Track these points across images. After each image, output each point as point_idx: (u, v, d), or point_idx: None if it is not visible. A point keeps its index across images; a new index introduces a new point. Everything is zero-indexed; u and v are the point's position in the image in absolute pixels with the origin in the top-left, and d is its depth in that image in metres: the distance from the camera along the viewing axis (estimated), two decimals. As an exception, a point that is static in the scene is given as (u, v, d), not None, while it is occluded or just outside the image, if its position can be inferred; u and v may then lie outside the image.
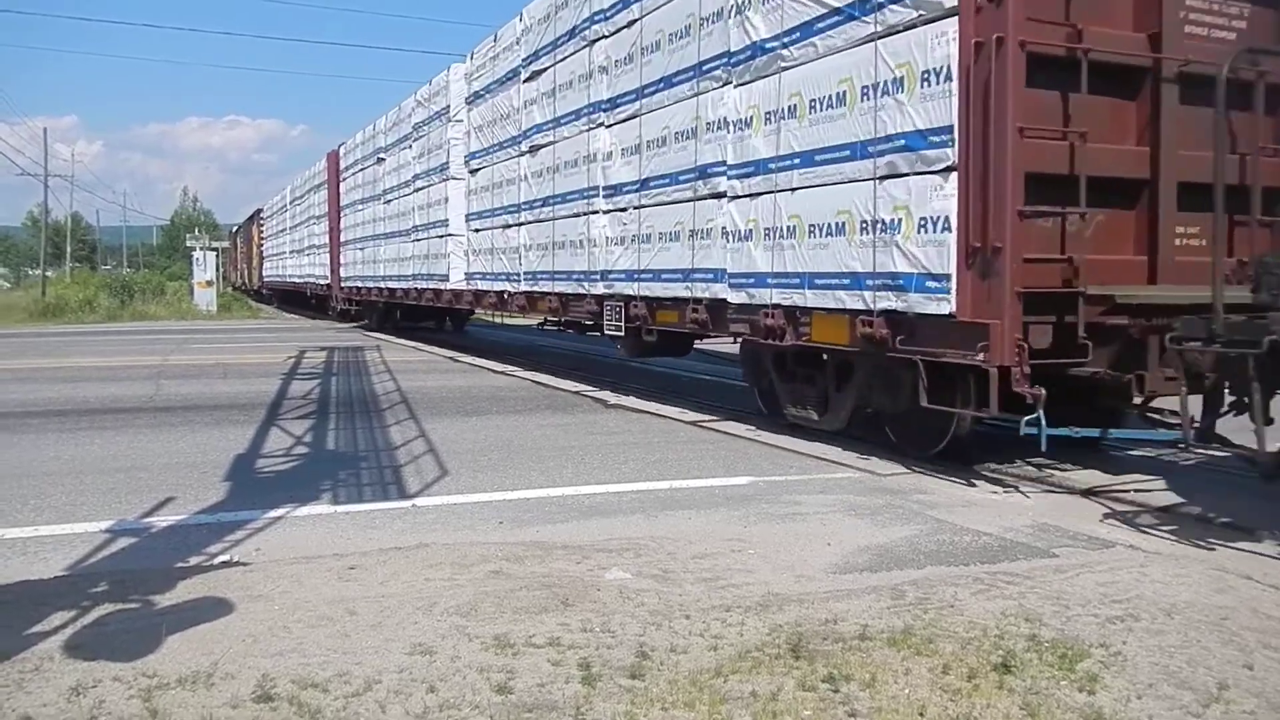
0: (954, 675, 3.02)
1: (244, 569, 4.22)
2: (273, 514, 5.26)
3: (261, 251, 42.47)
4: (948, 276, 5.54)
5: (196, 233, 50.30)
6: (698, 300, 8.04)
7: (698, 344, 10.53)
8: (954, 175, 5.51)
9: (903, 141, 5.82)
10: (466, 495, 5.81)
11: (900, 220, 5.85)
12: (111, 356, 16.02)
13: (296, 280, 31.54)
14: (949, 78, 5.50)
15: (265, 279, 41.45)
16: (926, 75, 5.64)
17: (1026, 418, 5.34)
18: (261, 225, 42.59)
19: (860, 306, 6.21)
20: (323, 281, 25.91)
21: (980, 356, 5.37)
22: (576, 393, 10.91)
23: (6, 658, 3.13)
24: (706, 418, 8.80)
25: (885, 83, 5.93)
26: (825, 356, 7.13)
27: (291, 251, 32.73)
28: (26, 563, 4.40)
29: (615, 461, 6.97)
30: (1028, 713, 2.77)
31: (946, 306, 5.56)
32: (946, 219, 5.55)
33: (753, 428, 8.14)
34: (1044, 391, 5.28)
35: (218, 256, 42.39)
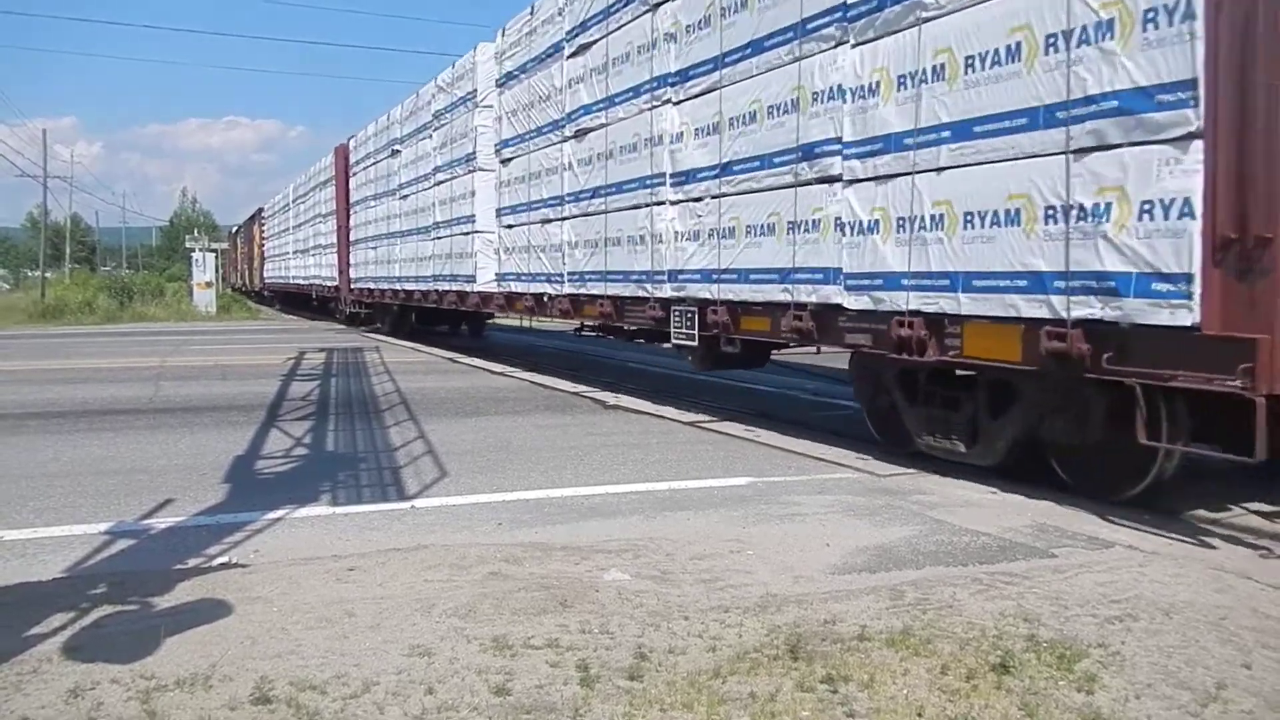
0: (952, 675, 3.02)
1: (242, 571, 4.22)
2: (271, 515, 5.26)
3: (263, 252, 41.23)
4: (1188, 277, 4.36)
5: (195, 234, 50.23)
6: (800, 305, 6.86)
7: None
8: (1197, 144, 4.32)
9: (1115, 103, 4.62)
10: (465, 496, 5.81)
11: (1110, 205, 4.67)
12: (110, 358, 16.02)
13: (301, 281, 30.28)
14: (1190, 15, 4.29)
15: (267, 280, 40.28)
16: (1152, 13, 4.46)
17: None
18: (263, 225, 41.34)
19: (1043, 315, 5.03)
20: (330, 283, 24.72)
21: (1239, 382, 4.26)
22: (575, 393, 10.91)
23: (5, 659, 3.13)
24: (705, 418, 8.80)
25: (1084, 28, 4.75)
26: (976, 376, 5.99)
27: (295, 251, 31.48)
28: (25, 564, 4.40)
29: (614, 462, 6.97)
30: (1026, 713, 2.77)
31: (1187, 316, 4.37)
32: (1187, 201, 4.35)
33: (751, 428, 8.14)
34: None
35: (217, 258, 42.33)
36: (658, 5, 8.66)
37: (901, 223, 5.93)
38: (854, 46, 6.30)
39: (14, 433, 8.33)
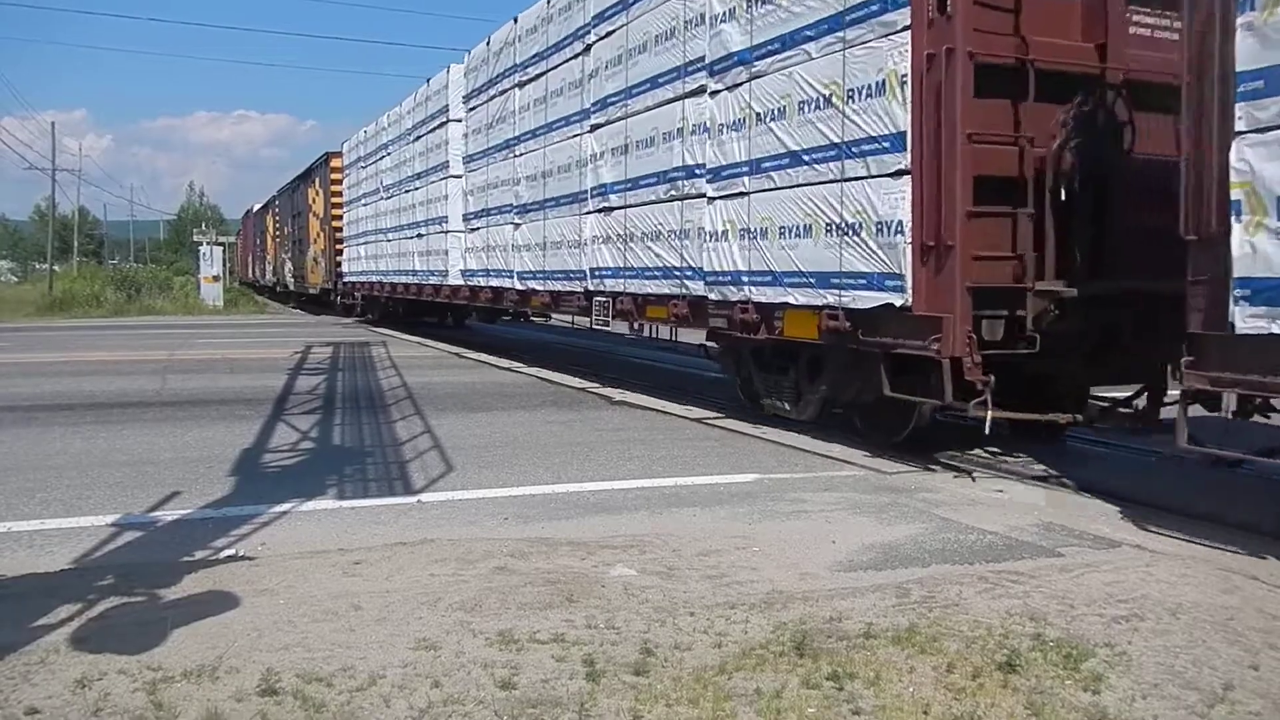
0: (958, 674, 3.01)
1: (249, 563, 4.23)
2: (278, 509, 5.27)
3: (335, 233, 24.86)
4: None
5: (203, 227, 50.29)
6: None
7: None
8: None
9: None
10: (471, 491, 5.82)
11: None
12: (118, 351, 16.07)
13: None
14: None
15: (347, 275, 23.90)
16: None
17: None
18: (331, 190, 25.32)
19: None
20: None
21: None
22: (581, 389, 10.91)
23: (13, 650, 3.14)
24: (712, 415, 8.80)
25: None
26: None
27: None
28: (33, 555, 4.41)
29: (620, 458, 6.97)
30: (1032, 712, 2.76)
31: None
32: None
33: (757, 425, 8.13)
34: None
35: (224, 251, 42.39)
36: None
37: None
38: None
39: (22, 425, 8.35)
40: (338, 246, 24.54)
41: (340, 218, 24.20)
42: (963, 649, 3.20)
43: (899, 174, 5.96)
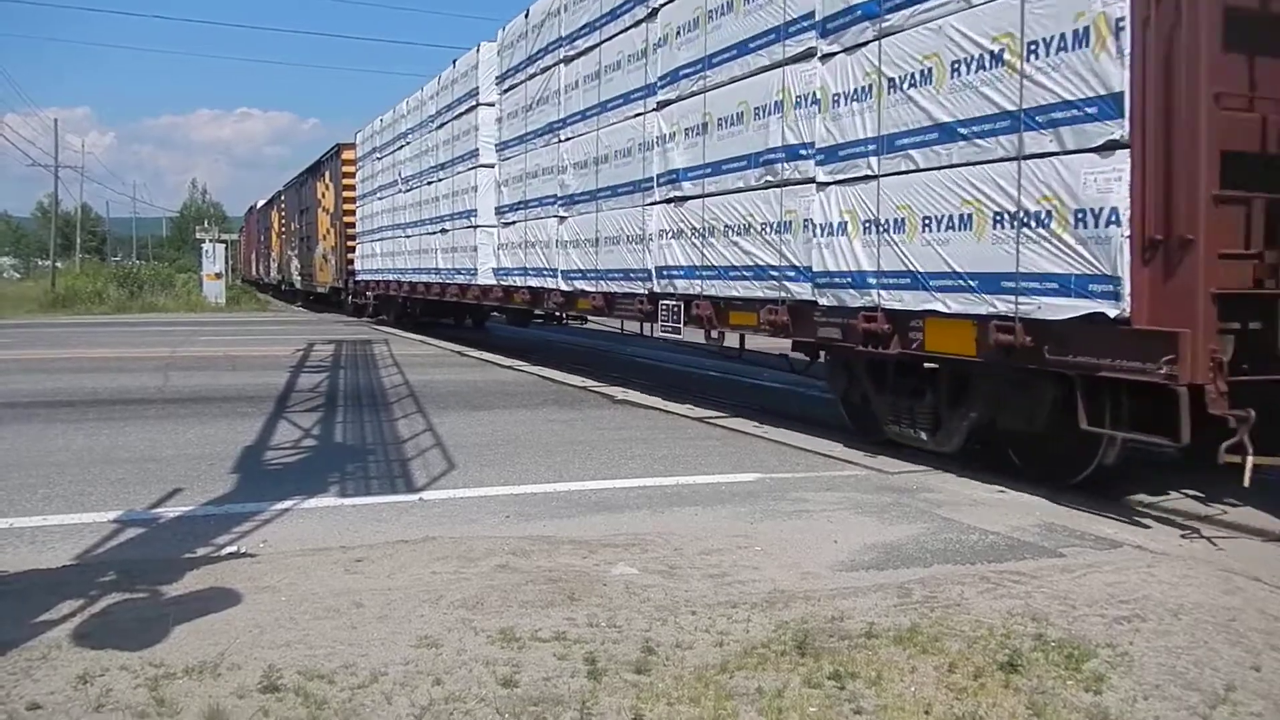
0: (960, 674, 3.01)
1: (251, 560, 4.23)
2: (280, 506, 5.27)
3: (347, 229, 23.87)
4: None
5: (206, 225, 50.32)
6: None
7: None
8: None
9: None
10: (473, 489, 5.82)
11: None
12: (120, 348, 16.08)
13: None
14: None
15: (359, 273, 22.77)
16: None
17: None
18: (343, 183, 24.28)
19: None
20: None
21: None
22: (583, 388, 10.91)
23: (15, 646, 3.15)
24: (714, 414, 8.79)
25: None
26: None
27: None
28: (35, 551, 4.42)
29: (622, 457, 6.97)
30: (1033, 712, 2.76)
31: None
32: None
33: (760, 424, 8.13)
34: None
35: (227, 249, 42.39)
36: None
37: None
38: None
39: (24, 421, 8.36)
40: (349, 243, 23.35)
41: (353, 212, 22.83)
42: (964, 649, 3.20)
43: (1110, 147, 4.67)
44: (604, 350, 15.90)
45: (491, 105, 13.37)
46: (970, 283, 5.50)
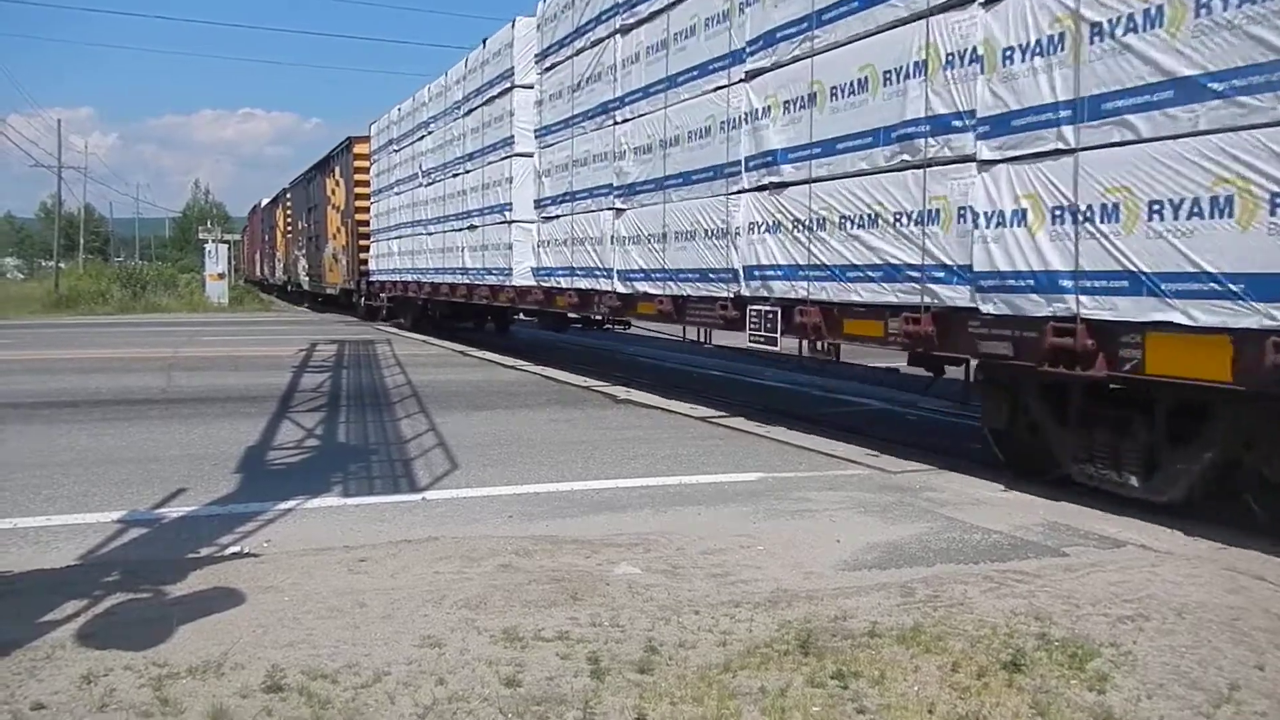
0: (963, 673, 3.01)
1: (254, 560, 4.24)
2: (283, 506, 5.28)
3: (359, 227, 22.88)
4: None
5: (209, 225, 50.38)
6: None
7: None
8: None
9: None
10: (476, 489, 5.82)
11: None
12: (124, 348, 16.10)
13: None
14: None
15: (374, 274, 21.71)
16: None
17: None
18: (355, 179, 23.20)
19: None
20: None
21: None
22: (586, 388, 10.91)
23: (19, 646, 3.15)
24: (716, 413, 8.79)
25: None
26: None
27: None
28: (39, 552, 4.42)
29: (624, 457, 6.97)
30: (1037, 711, 2.76)
31: None
32: None
33: (762, 424, 8.13)
34: None
35: (229, 249, 42.43)
36: None
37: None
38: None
39: (28, 421, 8.37)
40: (362, 242, 22.29)
41: (366, 209, 21.69)
42: (968, 648, 3.20)
43: None
44: (606, 350, 15.90)
45: (529, 87, 12.08)
46: (1231, 286, 4.22)
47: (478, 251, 13.93)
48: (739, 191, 7.66)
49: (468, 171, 14.35)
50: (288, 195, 36.50)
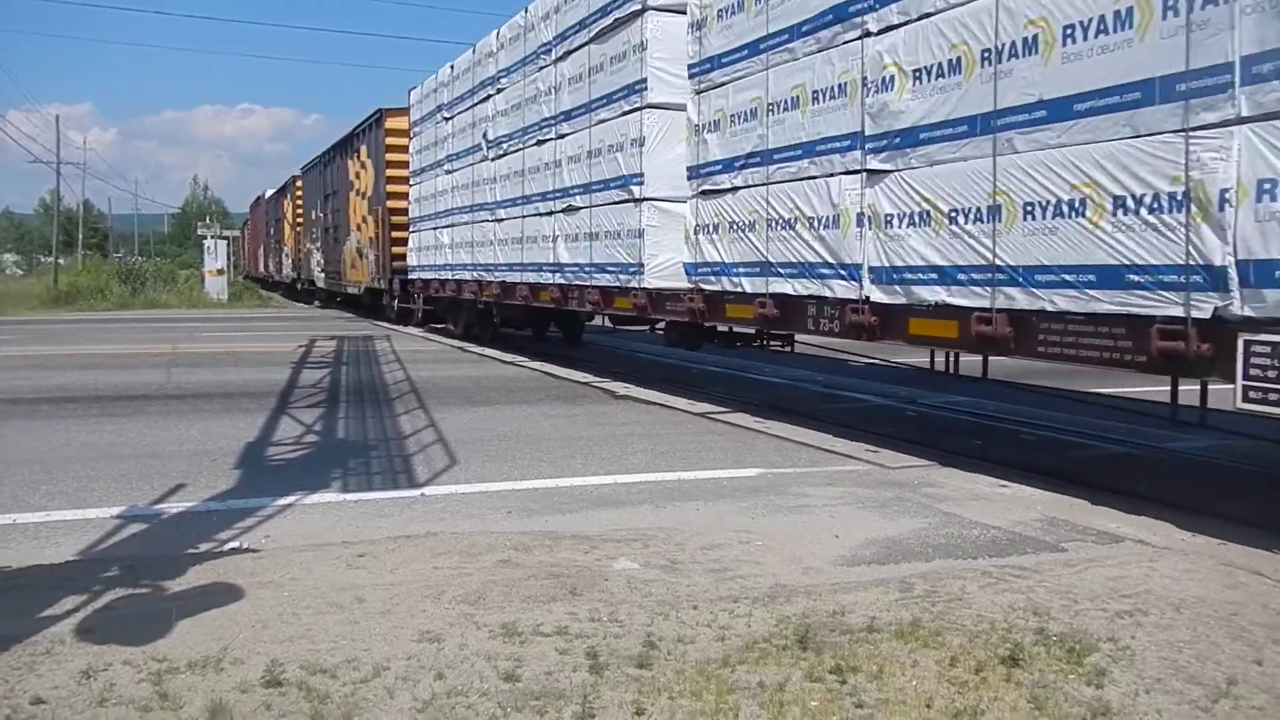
0: (961, 668, 3.01)
1: (254, 555, 4.24)
2: (282, 501, 5.28)
3: (391, 216, 19.26)
4: None
5: (208, 221, 50.31)
6: None
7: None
8: None
9: None
10: (475, 485, 5.82)
11: None
12: (123, 344, 16.11)
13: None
14: None
15: (413, 269, 18.18)
16: None
17: None
18: (386, 159, 19.41)
19: None
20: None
21: None
22: (584, 384, 10.91)
23: (18, 640, 3.15)
24: (715, 409, 8.79)
25: None
26: None
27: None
28: (38, 547, 4.43)
29: (623, 452, 6.97)
30: (1035, 706, 2.76)
31: None
32: None
33: (762, 419, 8.13)
34: None
35: (229, 245, 42.39)
36: None
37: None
38: None
39: (27, 417, 8.38)
40: (396, 234, 18.61)
41: (403, 195, 18.14)
42: (966, 643, 3.20)
43: None
44: (605, 347, 15.89)
45: (674, 10, 8.73)
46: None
47: (580, 242, 10.62)
48: (1221, 124, 4.24)
49: (563, 136, 10.99)
50: (298, 183, 32.55)
